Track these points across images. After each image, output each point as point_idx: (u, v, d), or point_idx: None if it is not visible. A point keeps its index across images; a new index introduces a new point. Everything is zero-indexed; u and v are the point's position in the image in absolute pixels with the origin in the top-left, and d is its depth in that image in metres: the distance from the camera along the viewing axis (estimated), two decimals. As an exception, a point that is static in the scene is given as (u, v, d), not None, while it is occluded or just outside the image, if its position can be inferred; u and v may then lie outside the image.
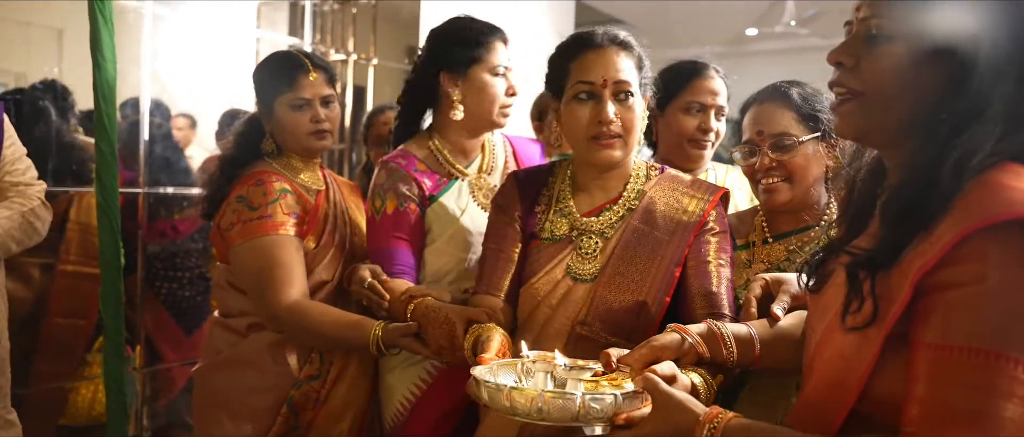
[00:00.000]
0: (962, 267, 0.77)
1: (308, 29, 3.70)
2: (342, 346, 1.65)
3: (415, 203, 1.65)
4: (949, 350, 0.77)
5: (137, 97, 2.85)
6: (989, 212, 0.76)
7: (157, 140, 2.96)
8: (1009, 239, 0.75)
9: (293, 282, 1.60)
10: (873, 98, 0.89)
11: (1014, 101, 0.81)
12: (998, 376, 0.74)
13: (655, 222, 1.37)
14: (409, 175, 1.66)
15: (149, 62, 2.84)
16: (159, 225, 2.99)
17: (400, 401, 1.67)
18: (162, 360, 2.97)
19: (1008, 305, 0.75)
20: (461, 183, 1.71)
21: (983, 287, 0.76)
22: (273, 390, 1.65)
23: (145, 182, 2.84)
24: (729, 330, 1.15)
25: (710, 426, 0.92)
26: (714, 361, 1.15)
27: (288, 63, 1.74)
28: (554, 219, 1.42)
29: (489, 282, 1.42)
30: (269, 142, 1.76)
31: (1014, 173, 0.79)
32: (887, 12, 0.87)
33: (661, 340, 1.11)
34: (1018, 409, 0.73)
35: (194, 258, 3.01)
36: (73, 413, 2.66)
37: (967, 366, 0.76)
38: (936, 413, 0.77)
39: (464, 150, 1.74)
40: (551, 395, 0.96)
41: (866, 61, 0.89)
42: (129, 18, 2.83)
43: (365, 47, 4.02)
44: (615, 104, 1.32)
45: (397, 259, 1.63)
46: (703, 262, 1.35)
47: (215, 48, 3.40)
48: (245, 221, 1.63)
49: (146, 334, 2.90)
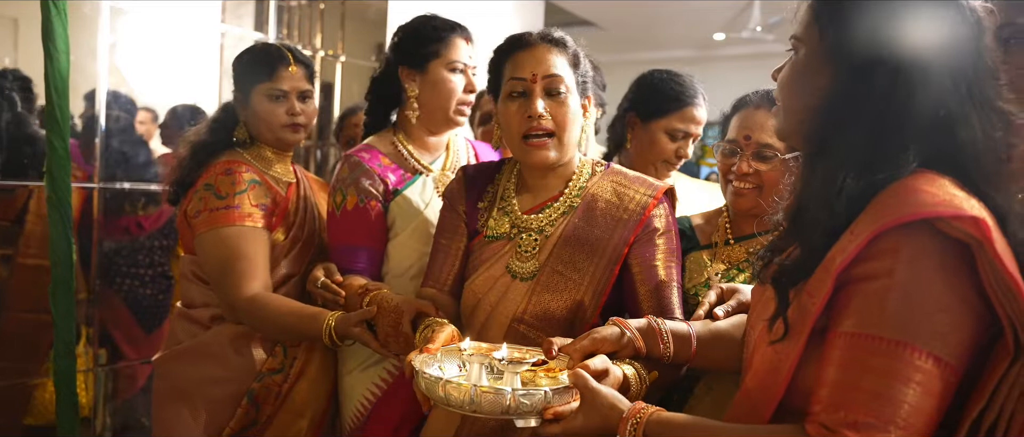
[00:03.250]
0: (875, 262, 0.82)
1: (273, 24, 3.65)
2: (300, 337, 1.65)
3: (376, 200, 1.63)
4: (859, 337, 0.83)
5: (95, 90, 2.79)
6: (901, 211, 0.81)
7: (114, 134, 2.89)
8: (918, 237, 0.81)
9: (255, 275, 1.59)
10: (781, 106, 0.98)
11: (905, 108, 0.86)
12: (900, 363, 0.80)
13: (594, 220, 1.36)
14: (372, 170, 1.64)
15: (107, 55, 2.78)
16: (122, 221, 2.93)
17: (359, 402, 1.65)
18: (122, 358, 2.91)
19: (913, 298, 0.80)
20: (425, 178, 1.70)
21: (891, 281, 0.81)
22: (234, 381, 1.64)
23: (101, 177, 2.78)
24: (668, 327, 1.19)
25: (633, 421, 0.97)
26: (651, 356, 1.18)
27: (270, 54, 1.75)
28: (497, 217, 1.42)
29: (436, 277, 1.44)
30: (243, 130, 1.76)
31: (928, 179, 0.84)
32: (798, 28, 0.95)
33: (602, 332, 1.15)
34: (915, 393, 0.79)
35: (157, 256, 2.95)
36: (39, 411, 2.60)
37: (874, 353, 0.81)
38: (841, 395, 0.82)
39: (427, 147, 1.74)
40: (484, 390, 1.00)
41: (781, 74, 0.98)
42: (85, 10, 2.76)
43: (333, 43, 3.98)
44: (546, 100, 1.32)
45: (355, 255, 1.62)
46: (650, 266, 1.34)
47: (179, 42, 3.34)
48: (211, 210, 1.63)
49: (106, 332, 2.83)
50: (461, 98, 1.68)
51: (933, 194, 0.81)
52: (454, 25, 1.70)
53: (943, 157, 0.86)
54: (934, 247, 0.81)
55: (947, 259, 0.81)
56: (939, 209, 0.80)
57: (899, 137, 0.86)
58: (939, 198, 0.81)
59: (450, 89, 1.67)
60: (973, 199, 0.82)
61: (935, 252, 0.81)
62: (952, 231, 0.80)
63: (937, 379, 0.79)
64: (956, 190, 0.83)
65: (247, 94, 1.73)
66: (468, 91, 1.69)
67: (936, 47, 0.86)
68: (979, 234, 0.78)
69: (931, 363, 0.79)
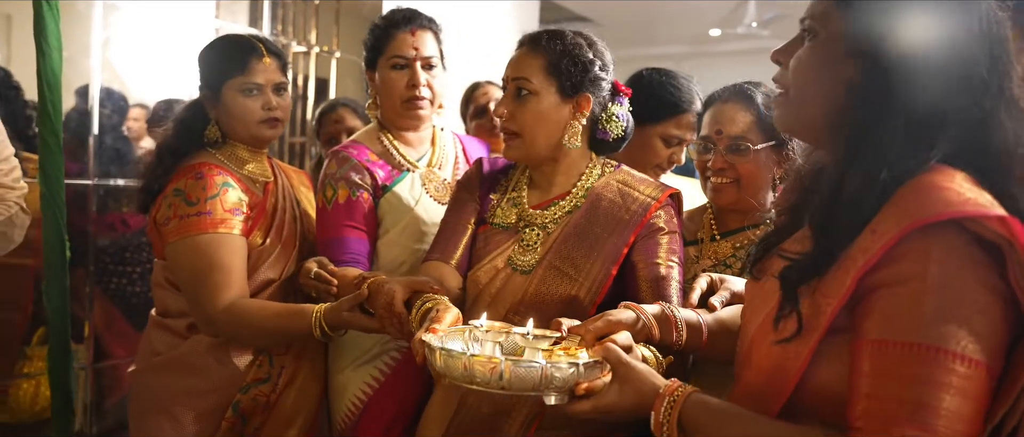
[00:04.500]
0: (902, 265, 0.79)
1: (267, 20, 3.63)
2: (287, 338, 1.57)
3: (367, 192, 1.62)
4: (891, 345, 0.80)
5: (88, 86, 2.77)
6: (927, 211, 0.79)
7: (107, 131, 2.88)
8: (946, 237, 0.78)
9: (230, 284, 1.52)
10: (793, 95, 0.93)
11: (936, 106, 0.84)
12: (937, 369, 0.77)
13: (597, 218, 1.37)
14: (361, 164, 1.63)
15: (99, 51, 2.76)
16: (108, 218, 2.91)
17: (351, 401, 1.64)
18: (110, 357, 2.89)
19: (945, 301, 0.78)
20: (413, 175, 1.69)
21: (922, 284, 0.78)
22: (216, 392, 1.57)
23: (95, 173, 2.76)
24: (681, 315, 1.17)
25: (670, 398, 0.92)
26: (663, 343, 1.16)
27: (240, 46, 1.64)
28: (505, 207, 1.43)
29: (443, 249, 1.43)
30: (214, 130, 1.65)
31: (946, 175, 0.82)
32: (815, 12, 0.91)
33: (616, 315, 1.11)
34: (955, 399, 0.77)
35: (145, 253, 2.93)
36: (14, 410, 2.56)
37: (908, 361, 0.78)
38: (880, 407, 0.79)
39: (410, 142, 1.73)
40: (512, 363, 0.94)
41: (793, 61, 0.93)
42: (79, 6, 2.74)
43: (328, 39, 3.97)
44: (512, 101, 1.38)
45: (348, 247, 1.58)
46: (652, 263, 1.35)
47: (173, 38, 3.32)
48: (181, 217, 1.54)
49: (95, 331, 2.82)
50: (402, 94, 1.65)
51: (957, 193, 0.79)
52: (402, 18, 1.66)
53: (964, 154, 0.84)
54: (964, 248, 0.78)
55: (977, 259, 0.78)
56: (967, 208, 0.78)
57: (930, 135, 0.83)
58: (965, 197, 0.79)
59: (390, 86, 1.65)
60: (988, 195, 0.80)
61: (966, 253, 0.78)
62: (982, 231, 0.77)
63: (976, 382, 0.77)
64: (974, 187, 0.81)
65: (217, 90, 1.62)
66: (410, 85, 1.65)
67: (968, 42, 0.84)
68: (1009, 234, 0.76)
69: (970, 367, 0.77)
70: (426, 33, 1.68)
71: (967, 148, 0.84)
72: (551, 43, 1.36)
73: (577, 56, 1.36)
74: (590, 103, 1.37)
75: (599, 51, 1.39)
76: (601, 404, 0.97)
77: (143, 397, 1.64)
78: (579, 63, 1.36)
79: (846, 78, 0.88)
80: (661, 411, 0.92)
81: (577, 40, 1.37)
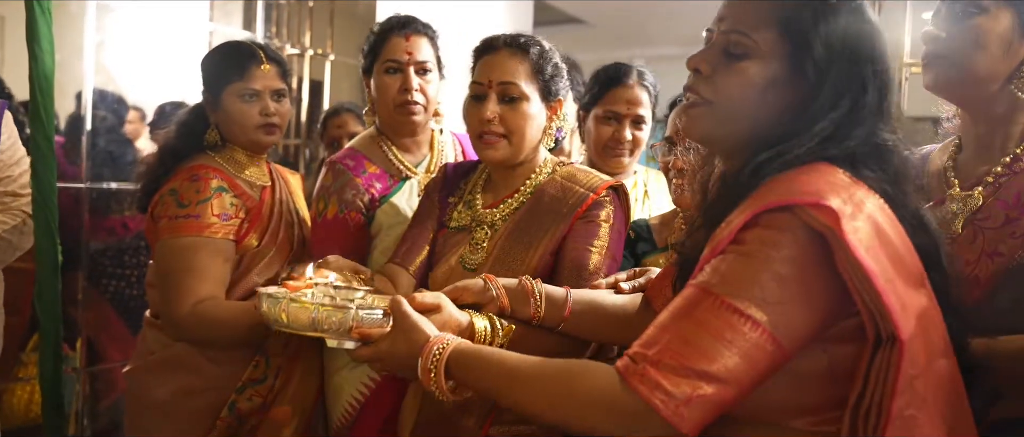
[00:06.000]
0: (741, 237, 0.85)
1: (261, 22, 3.63)
2: (249, 334, 1.55)
3: (358, 212, 1.63)
4: (696, 289, 0.85)
5: (81, 90, 2.77)
6: (771, 199, 0.84)
7: (101, 133, 2.87)
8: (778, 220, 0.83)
9: (199, 289, 1.52)
10: (723, 110, 0.95)
11: (839, 127, 0.89)
12: (723, 323, 0.82)
13: (538, 212, 1.40)
14: (357, 181, 1.64)
15: (93, 54, 2.76)
16: (108, 221, 2.90)
17: (348, 401, 1.65)
18: (105, 360, 2.88)
19: (753, 268, 0.82)
20: (411, 182, 1.70)
21: (740, 249, 0.84)
22: (211, 392, 1.58)
23: (88, 176, 2.75)
24: (542, 288, 1.21)
25: (438, 347, 0.99)
26: (520, 316, 1.20)
27: (240, 52, 1.68)
28: (461, 210, 1.46)
29: (405, 255, 1.46)
30: (214, 133, 1.69)
31: (815, 170, 0.87)
32: (748, 31, 0.93)
33: (466, 283, 1.19)
34: (734, 358, 0.81)
35: (143, 256, 2.93)
36: (8, 415, 2.56)
37: (703, 306, 0.83)
38: (659, 335, 0.84)
39: (408, 147, 1.73)
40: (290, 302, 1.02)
41: (721, 74, 0.95)
42: (71, 9, 2.74)
43: (322, 42, 3.97)
44: (500, 104, 1.37)
45: None
46: (575, 247, 1.36)
47: (167, 41, 3.31)
48: (171, 217, 1.56)
49: (88, 333, 2.81)
50: (395, 98, 1.67)
51: (806, 183, 0.84)
52: (398, 23, 1.68)
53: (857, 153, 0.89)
54: (792, 231, 0.82)
55: (804, 245, 0.82)
56: (798, 197, 0.82)
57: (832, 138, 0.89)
58: (809, 188, 0.83)
59: (384, 91, 1.67)
60: (860, 190, 0.85)
61: (791, 235, 0.82)
62: (809, 219, 0.81)
63: (760, 351, 0.81)
64: (838, 181, 0.85)
65: (218, 95, 1.66)
66: (403, 90, 1.66)
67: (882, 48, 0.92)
68: (833, 222, 0.79)
69: (759, 334, 0.81)
70: (421, 38, 1.69)
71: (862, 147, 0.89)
72: (532, 48, 1.39)
73: (554, 61, 1.42)
74: (562, 106, 1.43)
75: (561, 55, 1.45)
76: (378, 350, 1.03)
77: (138, 396, 1.66)
78: (556, 68, 1.42)
79: (781, 96, 0.92)
80: (429, 357, 0.98)
81: (547, 44, 1.43)
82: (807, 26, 0.90)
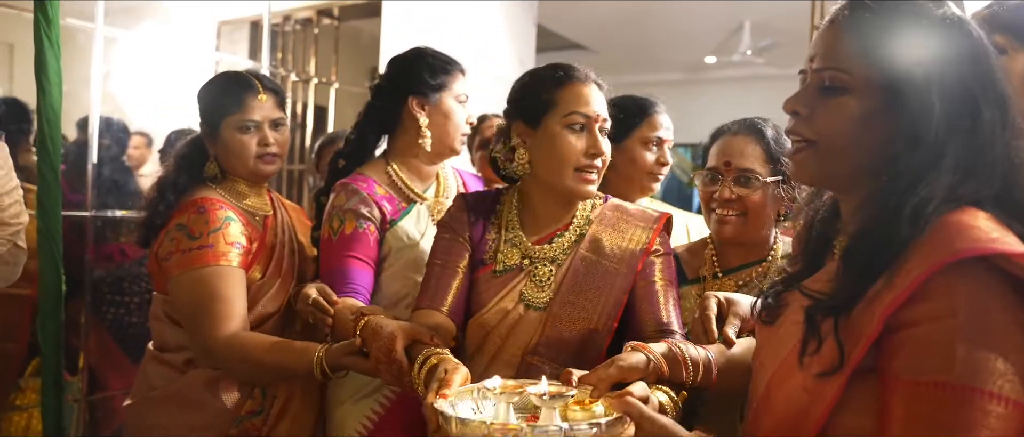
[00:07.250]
0: (931, 303, 0.78)
1: (267, 51, 3.67)
2: (284, 375, 1.56)
3: (374, 225, 1.63)
4: (922, 386, 0.78)
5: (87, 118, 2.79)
6: (955, 249, 0.78)
7: (106, 162, 2.88)
8: (975, 275, 0.78)
9: (232, 316, 1.52)
10: (826, 148, 0.91)
11: (968, 150, 0.85)
12: (969, 409, 0.75)
13: (603, 251, 1.38)
14: (370, 197, 1.64)
15: (99, 84, 2.78)
16: (107, 248, 2.90)
17: (350, 436, 1.62)
18: (105, 389, 2.87)
19: (977, 339, 0.76)
20: (420, 207, 1.71)
21: (953, 322, 0.77)
22: (211, 428, 1.56)
23: (93, 205, 2.76)
24: (689, 354, 1.14)
25: None
26: (673, 381, 1.14)
27: (237, 83, 1.66)
28: (505, 249, 1.41)
29: (433, 297, 1.39)
30: (213, 165, 1.67)
31: (972, 215, 0.82)
32: (841, 65, 0.89)
33: (627, 360, 1.08)
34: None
35: (142, 283, 2.92)
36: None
37: (940, 401, 0.77)
38: None
39: (422, 175, 1.75)
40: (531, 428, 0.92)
41: (820, 112, 0.91)
42: (79, 39, 2.77)
43: (327, 70, 4.00)
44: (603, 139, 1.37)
45: (351, 278, 1.57)
46: (650, 283, 1.37)
47: (174, 70, 3.35)
48: (184, 251, 1.55)
49: (89, 362, 2.79)
50: (464, 129, 1.74)
51: (984, 231, 0.79)
52: (456, 61, 1.76)
53: (988, 195, 0.84)
54: (995, 285, 0.77)
55: (1007, 297, 0.77)
56: (996, 246, 0.77)
57: (963, 175, 0.84)
58: (991, 235, 0.78)
59: (458, 121, 1.72)
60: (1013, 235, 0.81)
61: (996, 290, 0.77)
62: (1011, 268, 0.76)
63: (1009, 421, 0.75)
64: (997, 226, 0.81)
65: (215, 127, 1.64)
66: (467, 123, 1.76)
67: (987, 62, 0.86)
68: None
69: (1003, 406, 0.75)
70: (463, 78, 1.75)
71: (992, 189, 0.84)
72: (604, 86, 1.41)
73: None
74: None
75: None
76: None
77: (138, 432, 1.63)
78: None
79: (886, 127, 0.87)
80: None
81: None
82: (900, 51, 0.86)
